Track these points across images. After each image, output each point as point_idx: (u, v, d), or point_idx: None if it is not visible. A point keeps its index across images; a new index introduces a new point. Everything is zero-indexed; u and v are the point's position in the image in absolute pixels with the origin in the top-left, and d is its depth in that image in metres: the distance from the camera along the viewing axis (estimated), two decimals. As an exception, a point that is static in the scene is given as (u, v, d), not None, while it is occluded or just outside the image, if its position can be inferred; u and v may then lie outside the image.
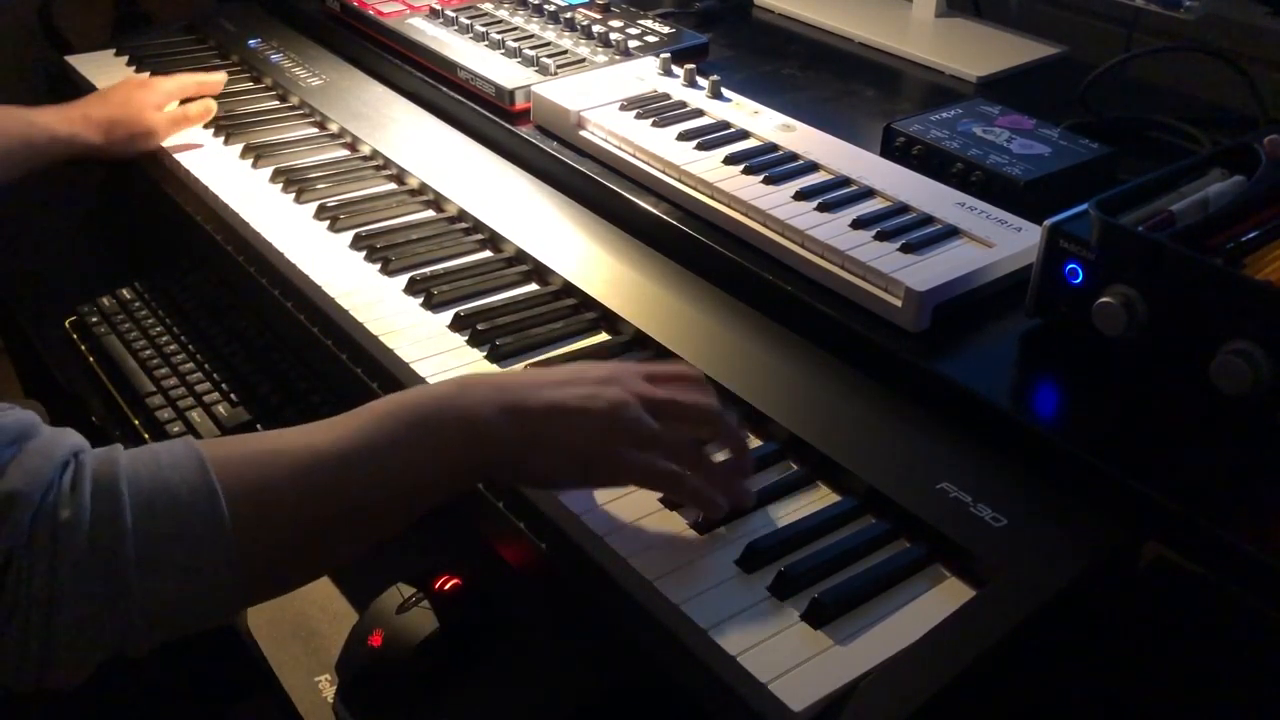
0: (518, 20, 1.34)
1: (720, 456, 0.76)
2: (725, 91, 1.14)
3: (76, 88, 1.42)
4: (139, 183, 1.27)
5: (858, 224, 0.92)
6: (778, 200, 0.95)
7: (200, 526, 0.59)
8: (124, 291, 1.27)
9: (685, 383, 0.74)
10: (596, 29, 1.31)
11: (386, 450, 0.65)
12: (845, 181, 0.99)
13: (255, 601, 0.65)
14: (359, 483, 0.64)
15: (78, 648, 0.57)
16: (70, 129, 1.21)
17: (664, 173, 1.03)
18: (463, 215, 1.10)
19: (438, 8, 1.36)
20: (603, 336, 0.94)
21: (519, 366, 0.88)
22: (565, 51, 1.26)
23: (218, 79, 1.33)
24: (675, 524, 0.74)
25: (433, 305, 0.97)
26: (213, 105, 1.29)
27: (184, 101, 1.29)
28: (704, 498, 0.71)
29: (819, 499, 0.77)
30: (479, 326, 0.93)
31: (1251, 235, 0.81)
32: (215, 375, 1.16)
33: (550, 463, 0.69)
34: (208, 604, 0.60)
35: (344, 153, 1.24)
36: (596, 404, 0.69)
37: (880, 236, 0.90)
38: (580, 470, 0.70)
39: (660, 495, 0.75)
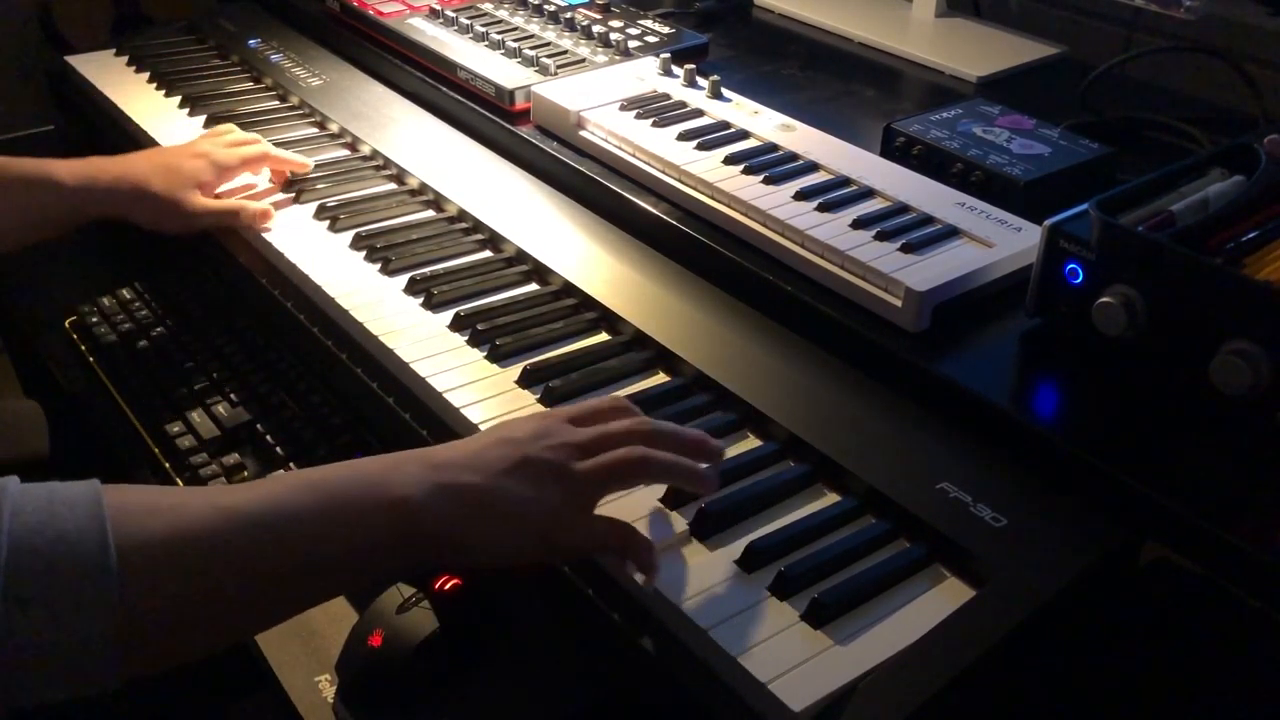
0: (518, 20, 1.35)
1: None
2: (725, 91, 1.14)
3: (76, 88, 1.42)
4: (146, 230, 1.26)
5: (858, 224, 0.92)
6: (778, 200, 0.95)
7: (82, 568, 0.54)
8: (124, 291, 1.27)
9: (608, 413, 0.72)
10: (596, 29, 1.31)
11: (295, 519, 0.61)
12: (845, 181, 0.99)
13: (136, 670, 0.57)
14: (263, 550, 0.59)
15: None
16: (109, 187, 1.09)
17: (664, 173, 1.03)
18: (463, 215, 1.10)
19: (438, 8, 1.36)
20: (603, 336, 0.94)
21: (519, 366, 0.88)
22: (565, 51, 1.26)
23: (301, 163, 1.17)
24: (675, 524, 0.74)
25: (433, 305, 0.97)
26: (271, 212, 1.11)
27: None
28: (681, 469, 0.69)
29: (819, 499, 0.77)
30: (479, 326, 0.93)
31: (1251, 235, 0.81)
32: (215, 375, 1.16)
33: (501, 535, 0.65)
34: (80, 657, 0.54)
35: (344, 153, 1.24)
36: (535, 461, 0.66)
37: (880, 236, 0.90)
38: (537, 535, 0.66)
39: (660, 495, 0.75)
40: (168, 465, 1.08)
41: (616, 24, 1.33)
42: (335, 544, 0.61)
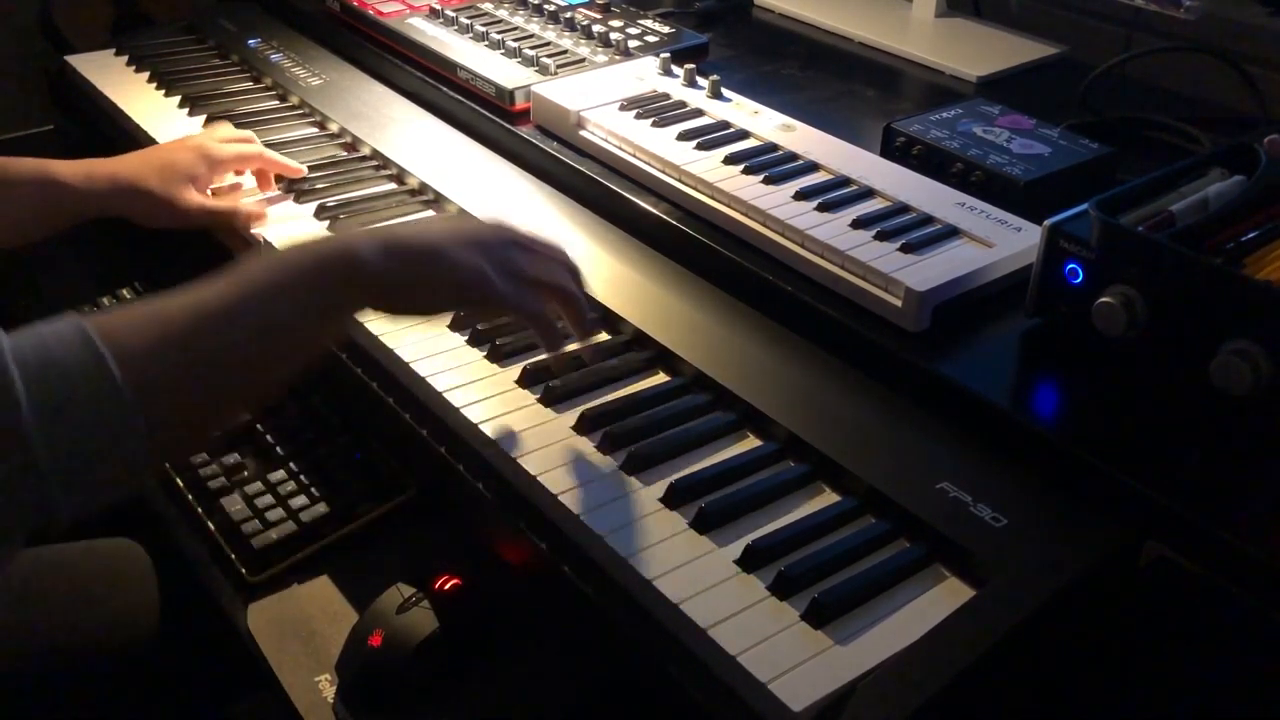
0: (518, 20, 1.34)
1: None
2: (725, 91, 1.14)
3: (76, 88, 1.42)
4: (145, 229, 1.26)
5: (858, 224, 0.92)
6: (778, 200, 0.95)
7: (94, 390, 0.60)
8: (124, 291, 1.27)
9: (550, 254, 0.83)
10: (596, 29, 1.31)
11: (271, 297, 0.69)
12: (845, 181, 0.99)
13: (169, 458, 0.69)
14: (247, 332, 0.67)
15: None
16: (109, 183, 1.10)
17: (664, 173, 1.03)
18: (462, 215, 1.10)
19: (438, 8, 1.36)
20: (603, 336, 0.94)
21: (519, 366, 0.88)
22: (565, 51, 1.26)
23: (293, 168, 1.18)
24: (675, 524, 0.74)
25: (433, 305, 0.97)
26: (265, 214, 1.12)
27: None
28: (553, 332, 0.82)
29: (819, 499, 0.77)
30: (479, 326, 0.93)
31: (1251, 235, 0.81)
32: (215, 375, 1.16)
33: (430, 294, 0.77)
34: (117, 461, 0.62)
35: (344, 153, 1.24)
36: (473, 242, 0.77)
37: (880, 236, 0.90)
38: (455, 297, 0.79)
39: (660, 495, 0.76)
40: (167, 465, 1.08)
41: (616, 24, 1.33)
42: (306, 311, 0.71)
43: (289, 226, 1.10)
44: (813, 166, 1.01)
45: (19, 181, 1.08)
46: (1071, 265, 0.81)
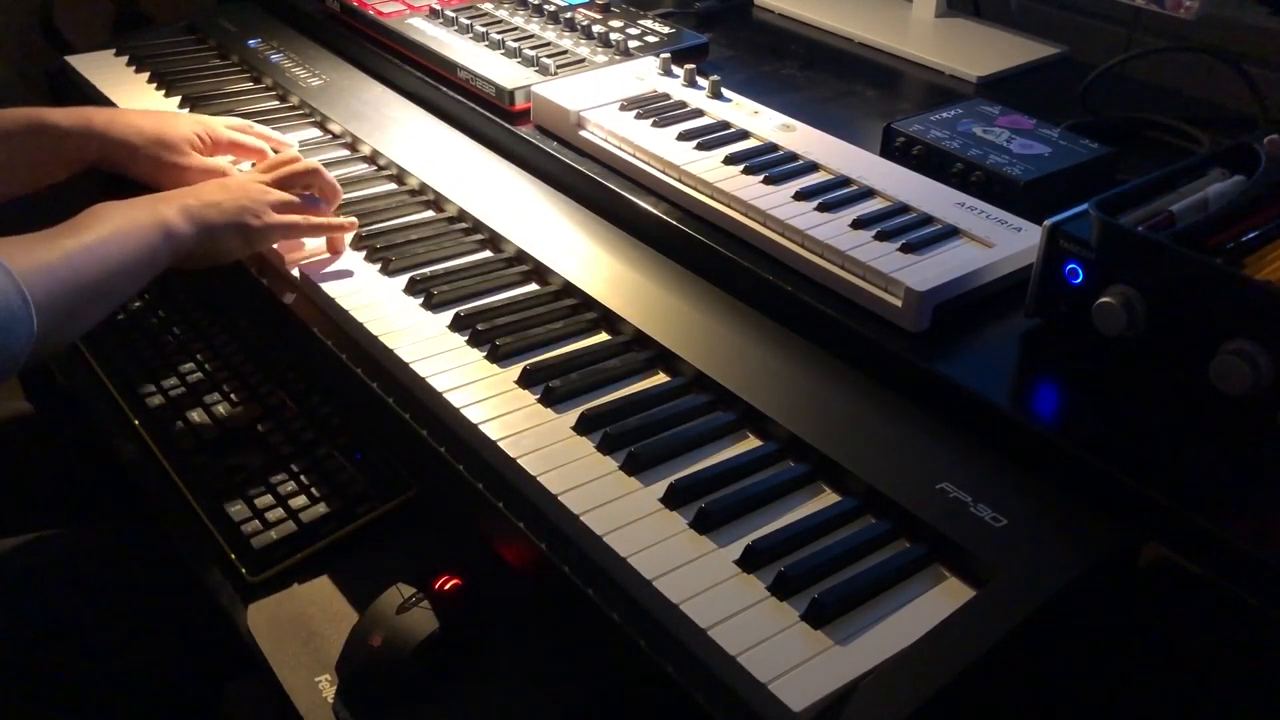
0: (518, 20, 1.35)
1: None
2: (725, 91, 1.14)
3: (76, 88, 1.42)
4: (139, 184, 1.27)
5: (858, 224, 0.92)
6: (778, 200, 0.95)
7: (14, 322, 0.82)
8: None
9: (288, 161, 1.09)
10: (596, 29, 1.31)
11: (120, 245, 0.93)
12: (845, 181, 0.99)
13: (36, 359, 0.87)
14: (105, 267, 0.91)
15: None
16: (108, 129, 1.12)
17: (664, 173, 1.03)
18: (463, 215, 1.10)
19: (438, 8, 1.36)
20: (603, 336, 0.94)
21: (519, 366, 0.88)
22: (565, 51, 1.26)
23: (283, 143, 1.22)
24: (675, 524, 0.74)
25: (433, 305, 0.97)
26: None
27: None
28: (318, 224, 1.05)
29: (819, 499, 0.77)
30: (479, 327, 0.93)
31: (1251, 235, 0.81)
32: (215, 375, 1.16)
33: (227, 245, 1.01)
34: (12, 358, 0.84)
35: (344, 153, 1.24)
36: (242, 202, 1.02)
37: (880, 236, 0.90)
38: (245, 244, 1.02)
39: (661, 495, 0.76)
40: (167, 465, 1.08)
41: (616, 24, 1.33)
42: (140, 258, 0.95)
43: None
44: (813, 166, 1.02)
45: (11, 129, 1.09)
46: (1071, 265, 0.81)
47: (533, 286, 1.01)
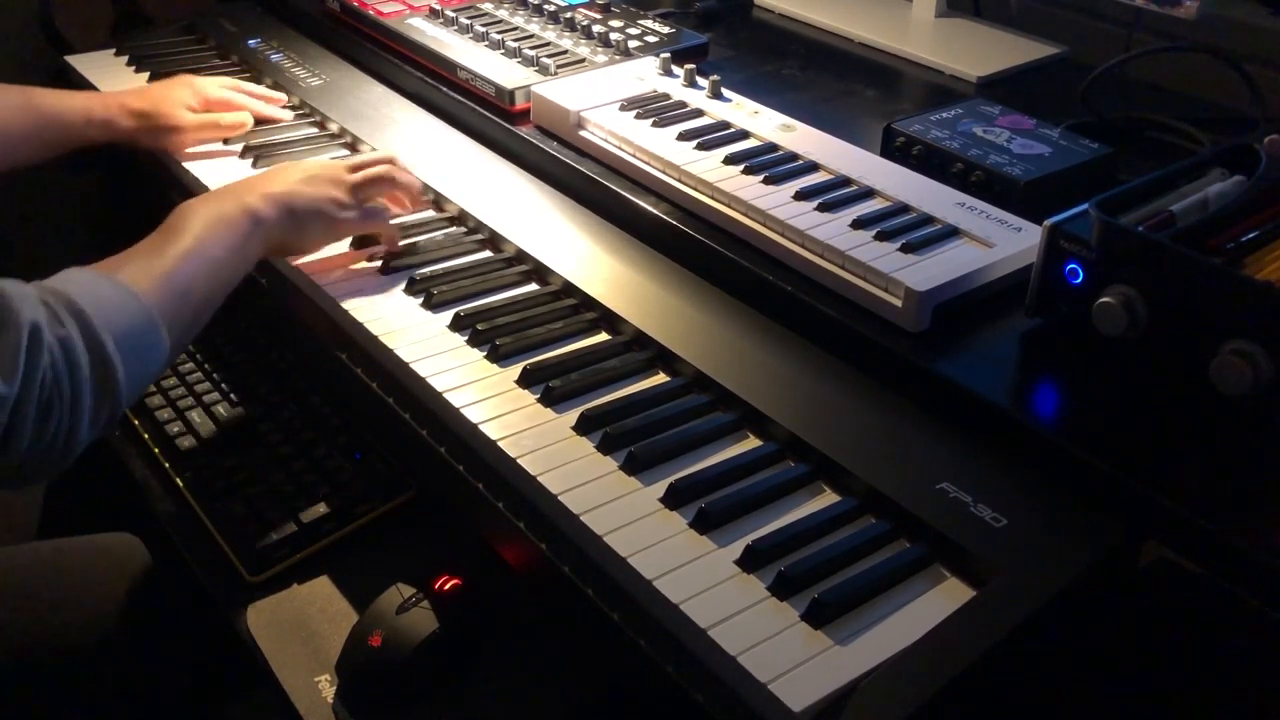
0: (518, 20, 1.34)
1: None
2: (725, 91, 1.14)
3: (76, 88, 1.42)
4: (140, 184, 1.27)
5: (858, 224, 0.92)
6: (778, 200, 0.95)
7: (139, 323, 0.81)
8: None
9: (379, 163, 1.06)
10: (596, 29, 1.31)
11: (214, 242, 0.91)
12: (845, 181, 0.99)
13: (169, 362, 0.88)
14: (205, 267, 0.89)
15: (96, 425, 0.78)
16: (106, 113, 1.20)
17: (664, 173, 1.03)
18: (463, 215, 1.10)
19: (438, 8, 1.36)
20: (603, 336, 0.94)
21: (519, 366, 0.88)
22: (565, 51, 1.26)
23: (274, 98, 1.30)
24: (675, 524, 0.74)
25: (433, 305, 0.97)
26: (248, 120, 1.25)
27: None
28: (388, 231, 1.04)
29: (819, 499, 0.77)
30: (479, 327, 0.93)
31: (1251, 235, 0.81)
32: (215, 375, 1.16)
33: (311, 232, 1.00)
34: (155, 367, 0.84)
35: (344, 153, 1.24)
36: (332, 195, 1.00)
37: (880, 236, 0.90)
38: (328, 233, 1.01)
39: (660, 495, 0.76)
40: (167, 465, 1.08)
41: (616, 24, 1.33)
42: (235, 258, 0.93)
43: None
44: (813, 166, 1.01)
45: (3, 105, 1.13)
46: (1071, 265, 0.81)
47: (533, 286, 1.01)
